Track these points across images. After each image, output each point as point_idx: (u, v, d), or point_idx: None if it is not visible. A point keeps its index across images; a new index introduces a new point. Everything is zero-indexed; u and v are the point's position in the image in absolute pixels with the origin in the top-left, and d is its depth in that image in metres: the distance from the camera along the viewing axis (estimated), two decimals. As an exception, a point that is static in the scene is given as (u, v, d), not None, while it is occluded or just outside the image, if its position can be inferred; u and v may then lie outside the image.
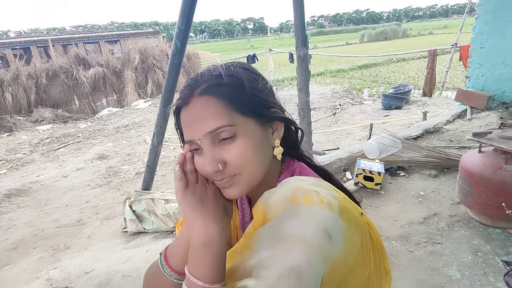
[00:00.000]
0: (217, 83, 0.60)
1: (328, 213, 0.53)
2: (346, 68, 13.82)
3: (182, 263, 0.62)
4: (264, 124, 0.63)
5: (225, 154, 0.59)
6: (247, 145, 0.59)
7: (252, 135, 0.60)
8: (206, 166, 0.58)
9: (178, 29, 2.24)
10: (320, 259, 0.50)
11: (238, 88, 0.60)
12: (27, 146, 6.39)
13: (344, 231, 0.54)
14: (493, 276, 1.60)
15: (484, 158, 1.85)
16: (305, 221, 0.52)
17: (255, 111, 0.61)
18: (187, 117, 0.61)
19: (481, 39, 3.65)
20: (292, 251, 0.49)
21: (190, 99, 0.60)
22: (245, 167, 0.59)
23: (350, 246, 0.56)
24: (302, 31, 2.27)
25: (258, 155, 0.61)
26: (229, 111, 0.59)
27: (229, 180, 0.60)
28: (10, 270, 2.55)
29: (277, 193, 0.59)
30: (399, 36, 32.24)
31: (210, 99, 0.59)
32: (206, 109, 0.59)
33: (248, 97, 0.60)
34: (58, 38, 18.52)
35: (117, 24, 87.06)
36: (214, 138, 0.59)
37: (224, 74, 0.61)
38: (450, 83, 8.85)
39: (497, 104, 3.67)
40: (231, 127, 0.58)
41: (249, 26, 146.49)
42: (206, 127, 0.58)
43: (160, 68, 10.10)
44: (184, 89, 0.63)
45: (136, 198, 2.87)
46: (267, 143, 0.64)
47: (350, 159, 2.95)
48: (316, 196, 0.55)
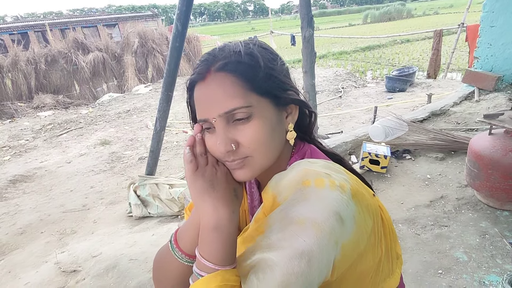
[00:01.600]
0: (235, 61, 0.57)
1: (340, 196, 0.52)
2: (349, 50, 13.57)
3: (192, 246, 0.62)
4: (279, 106, 0.61)
5: (239, 135, 0.57)
6: (261, 127, 0.57)
7: (267, 117, 0.59)
8: (219, 145, 0.57)
9: (179, 11, 2.17)
10: (331, 243, 0.49)
11: (256, 67, 0.58)
12: (29, 132, 6.39)
13: (355, 214, 0.53)
14: (501, 258, 1.59)
15: (494, 140, 1.81)
16: (316, 204, 0.51)
17: (272, 92, 0.59)
18: (202, 94, 0.59)
19: (491, 18, 3.53)
20: (303, 234, 0.48)
21: (206, 75, 0.58)
22: (257, 149, 0.58)
23: (362, 229, 0.55)
24: (307, 11, 2.19)
25: (271, 138, 0.59)
26: (246, 91, 0.57)
27: (241, 162, 0.58)
28: (19, 254, 2.59)
29: (288, 176, 0.58)
30: (403, 16, 31.46)
31: (227, 77, 0.57)
32: (223, 88, 0.57)
33: (265, 78, 0.58)
34: (55, 22, 18.19)
35: (114, 7, 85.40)
36: (229, 118, 0.57)
37: (243, 52, 0.58)
38: (456, 64, 8.68)
39: (506, 85, 3.59)
40: (247, 108, 0.56)
41: (250, 8, 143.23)
42: (222, 107, 0.56)
43: (160, 52, 9.94)
44: (201, 64, 0.60)
45: (141, 183, 2.88)
46: (280, 127, 0.62)
47: (355, 143, 2.92)
48: (327, 178, 0.54)
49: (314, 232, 0.48)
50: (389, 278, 0.65)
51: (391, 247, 0.65)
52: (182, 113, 6.51)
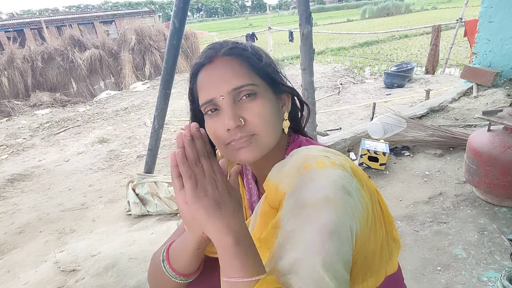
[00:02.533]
0: (241, 48, 0.63)
1: (342, 173, 0.54)
2: (347, 46, 13.53)
3: (187, 266, 0.62)
4: (276, 93, 0.66)
5: (245, 112, 0.59)
6: (266, 106, 0.60)
7: (269, 99, 0.62)
8: (228, 121, 0.57)
9: (176, 7, 2.14)
10: (349, 214, 0.50)
11: (258, 56, 0.64)
12: (27, 131, 6.35)
13: (359, 189, 0.55)
14: (499, 254, 1.60)
15: (493, 137, 1.81)
16: (322, 183, 0.52)
17: (272, 78, 0.64)
18: (210, 75, 0.62)
19: (490, 13, 3.52)
20: (322, 213, 0.49)
21: (214, 58, 0.62)
22: (263, 127, 0.59)
23: (367, 204, 0.56)
24: (305, 7, 2.18)
25: (274, 118, 0.62)
26: (251, 73, 0.61)
27: (248, 140, 0.59)
28: (18, 254, 2.58)
29: (288, 164, 0.59)
30: (401, 11, 31.36)
31: (234, 60, 0.61)
32: (231, 67, 0.60)
33: (266, 65, 0.63)
34: (51, 19, 18.03)
35: (111, 4, 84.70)
36: (236, 96, 0.60)
37: (246, 43, 0.65)
38: (454, 60, 8.67)
39: (504, 80, 3.59)
40: (254, 86, 0.60)
41: (247, 4, 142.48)
42: (231, 84, 0.59)
43: (158, 49, 9.87)
44: (207, 50, 0.64)
45: (139, 181, 2.86)
46: (279, 112, 0.66)
47: (354, 140, 2.92)
48: (327, 159, 0.56)
49: (331, 208, 0.49)
50: (390, 260, 0.66)
51: (389, 230, 0.66)
52: (180, 111, 6.49)
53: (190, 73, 0.66)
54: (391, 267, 0.66)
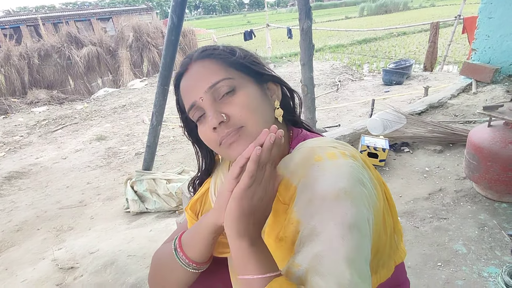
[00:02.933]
0: (212, 48, 0.64)
1: (354, 163, 0.53)
2: (345, 43, 13.50)
3: (201, 253, 0.62)
4: (260, 83, 0.65)
5: (227, 107, 0.59)
6: (247, 96, 0.60)
7: (251, 89, 0.62)
8: (211, 120, 0.57)
9: (174, 3, 2.12)
10: (366, 206, 0.50)
11: (232, 52, 0.64)
12: (24, 128, 6.31)
13: (371, 179, 0.55)
14: (500, 250, 1.60)
15: (493, 132, 1.81)
16: (336, 174, 0.51)
17: (250, 68, 0.64)
18: (186, 82, 0.63)
19: (489, 9, 3.51)
20: (341, 207, 0.47)
21: (188, 66, 0.63)
22: (248, 118, 0.58)
23: (378, 193, 0.56)
24: (305, 1, 2.16)
25: (259, 107, 0.61)
26: (226, 68, 0.61)
27: (235, 133, 0.58)
28: (16, 251, 2.56)
29: (296, 157, 0.58)
30: (400, 8, 31.32)
31: (206, 61, 0.62)
32: (204, 68, 0.61)
33: (241, 57, 0.63)
34: (48, 16, 17.89)
35: (108, 1, 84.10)
36: (215, 94, 0.60)
37: (218, 44, 0.66)
38: (452, 57, 8.67)
39: (503, 77, 3.59)
40: (230, 80, 0.59)
41: (245, 1, 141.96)
42: (206, 83, 0.59)
43: (155, 46, 9.82)
44: (183, 61, 0.66)
45: (138, 179, 2.85)
46: (267, 102, 0.64)
47: (354, 136, 2.91)
48: (336, 150, 0.55)
49: (350, 201, 0.48)
50: (397, 250, 0.66)
51: (395, 221, 0.66)
52: (178, 108, 6.46)
53: (174, 84, 0.68)
54: (399, 256, 0.66)
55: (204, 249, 0.62)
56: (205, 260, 0.64)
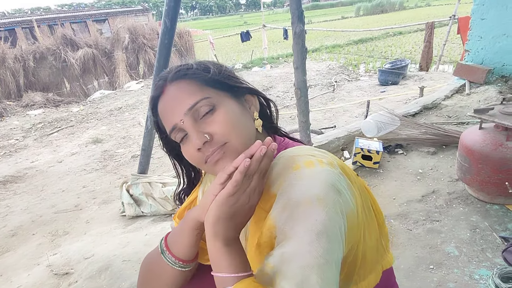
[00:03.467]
0: (185, 68, 0.63)
1: (331, 170, 0.54)
2: (342, 43, 13.54)
3: (186, 251, 0.64)
4: (237, 97, 0.66)
5: (209, 126, 0.60)
6: (227, 113, 0.60)
7: (229, 105, 0.62)
8: (194, 141, 0.58)
9: (167, 6, 2.12)
10: (338, 213, 0.51)
11: (206, 70, 0.64)
12: (19, 132, 6.28)
13: (348, 186, 0.56)
14: (491, 252, 1.61)
15: (484, 135, 1.82)
16: (311, 182, 0.52)
17: (225, 84, 0.64)
18: (164, 105, 0.63)
19: (482, 10, 3.53)
20: (312, 213, 0.49)
21: (163, 89, 0.63)
22: (231, 133, 0.59)
23: (356, 200, 0.57)
24: (297, 5, 2.16)
25: (240, 122, 0.62)
26: (202, 87, 0.61)
27: (220, 150, 0.59)
28: (10, 257, 2.55)
29: (276, 167, 0.59)
30: (395, 8, 31.45)
31: (182, 82, 0.62)
32: (180, 90, 0.61)
33: (215, 74, 0.63)
34: (43, 18, 17.81)
35: (104, 2, 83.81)
36: (195, 115, 0.60)
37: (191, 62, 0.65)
38: (447, 56, 8.73)
39: (496, 78, 3.62)
40: (208, 99, 0.60)
41: (242, 1, 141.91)
42: (184, 105, 0.59)
43: (151, 48, 9.80)
44: (158, 83, 0.65)
45: (133, 182, 2.85)
46: (246, 114, 0.65)
47: (348, 138, 2.93)
48: (314, 159, 0.56)
49: (321, 208, 0.49)
50: (385, 255, 0.68)
51: (381, 226, 0.68)
52: (174, 110, 6.45)
53: (150, 107, 0.68)
54: (387, 262, 0.68)
55: (188, 245, 0.63)
56: (191, 258, 0.66)
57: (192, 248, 0.64)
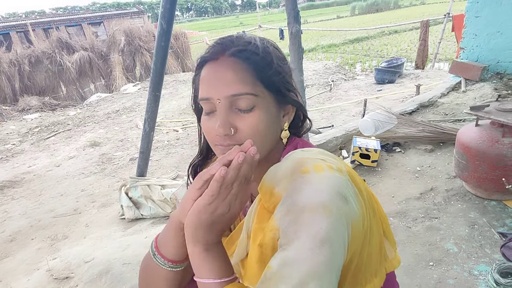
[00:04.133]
0: (251, 51, 0.59)
1: (340, 177, 0.53)
2: (338, 42, 13.57)
3: (175, 250, 0.63)
4: (280, 104, 0.64)
5: (239, 121, 0.58)
6: (262, 118, 0.59)
7: (268, 111, 0.60)
8: (218, 127, 0.57)
9: (163, 8, 2.12)
10: (343, 222, 0.50)
11: (269, 62, 0.60)
12: (16, 136, 6.25)
13: (355, 194, 0.55)
14: (490, 248, 1.63)
15: (481, 131, 1.84)
16: (319, 188, 0.51)
17: (277, 88, 0.62)
18: (211, 73, 0.60)
19: (476, 8, 3.56)
20: (317, 220, 0.48)
21: (219, 56, 0.59)
22: (253, 139, 0.58)
23: (362, 208, 0.56)
24: (293, 5, 2.17)
25: (268, 132, 0.61)
26: (255, 81, 0.58)
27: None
28: (10, 262, 2.54)
29: (283, 167, 0.58)
30: (390, 7, 31.59)
31: (239, 63, 0.58)
32: (234, 71, 0.58)
33: (274, 73, 0.60)
34: (38, 22, 17.72)
35: (99, 5, 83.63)
36: (233, 103, 0.58)
37: (259, 45, 0.61)
38: (443, 54, 8.77)
39: (491, 75, 3.65)
40: (254, 96, 0.58)
41: (237, 2, 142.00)
42: (231, 89, 0.57)
43: (148, 50, 9.78)
44: (215, 45, 0.61)
45: (132, 185, 2.84)
46: (277, 123, 0.64)
47: (346, 137, 2.94)
48: (324, 163, 0.55)
49: (327, 216, 0.48)
50: (388, 258, 0.67)
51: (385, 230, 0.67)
52: (172, 112, 6.45)
53: (196, 63, 0.65)
54: (391, 265, 0.67)
55: (176, 246, 0.62)
56: (180, 259, 0.64)
57: (180, 249, 0.63)
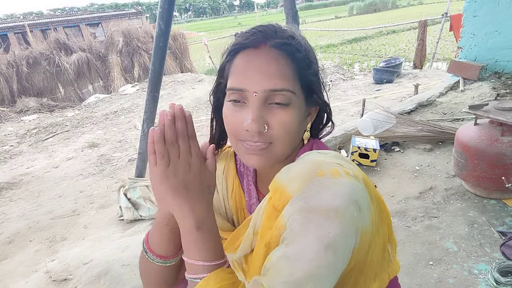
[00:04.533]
0: (294, 46, 0.57)
1: (356, 184, 0.52)
2: (336, 42, 13.60)
3: (163, 246, 0.62)
4: (308, 104, 0.62)
5: (273, 118, 0.56)
6: (294, 117, 0.57)
7: (300, 110, 0.59)
8: (252, 123, 0.54)
9: (161, 9, 2.12)
10: (353, 231, 0.49)
11: (309, 61, 0.59)
12: (13, 138, 6.22)
13: (369, 202, 0.54)
14: (489, 247, 1.63)
15: (480, 130, 1.84)
16: (336, 193, 0.50)
17: (311, 89, 0.60)
18: (250, 63, 0.56)
19: (474, 7, 3.57)
20: (327, 224, 0.47)
21: (261, 45, 0.56)
22: (283, 138, 0.57)
23: (373, 216, 0.56)
24: (292, 5, 2.17)
25: (297, 130, 0.60)
26: (295, 78, 0.57)
27: (264, 148, 0.57)
28: (8, 264, 2.52)
29: (297, 168, 0.56)
30: (388, 7, 31.69)
31: (283, 57, 0.56)
32: (278, 65, 0.55)
33: (312, 73, 0.59)
34: (36, 23, 17.68)
35: (97, 6, 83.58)
36: (269, 98, 0.56)
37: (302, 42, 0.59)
38: (441, 54, 8.79)
39: (490, 74, 3.65)
40: (292, 94, 0.56)
41: (235, 3, 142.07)
42: (271, 83, 0.54)
43: (146, 51, 9.76)
44: (256, 32, 0.58)
45: (131, 186, 2.83)
46: (303, 124, 0.63)
47: (345, 137, 2.94)
48: (341, 168, 0.54)
49: (338, 221, 0.48)
50: (391, 262, 0.66)
51: (390, 234, 0.66)
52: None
53: (228, 49, 0.61)
54: (393, 269, 0.66)
55: (164, 242, 0.62)
56: (171, 254, 0.64)
57: (169, 244, 0.62)
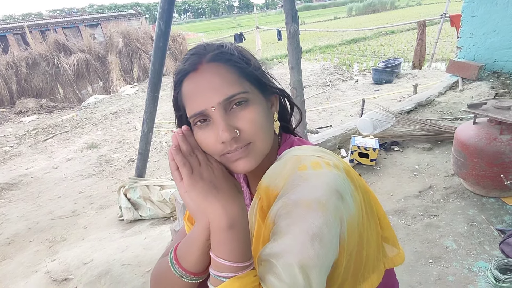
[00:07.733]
0: (227, 52, 0.59)
1: (337, 174, 0.53)
2: (335, 43, 13.62)
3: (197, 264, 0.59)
4: (266, 96, 0.64)
5: (238, 121, 0.57)
6: (258, 112, 0.58)
7: (260, 103, 0.60)
8: (222, 133, 0.55)
9: (161, 9, 2.12)
10: (337, 220, 0.50)
11: (246, 60, 0.60)
12: (13, 139, 6.22)
13: (351, 191, 0.55)
14: (489, 244, 1.63)
15: (478, 129, 1.85)
16: (316, 184, 0.51)
17: (261, 81, 0.62)
18: (196, 85, 0.58)
19: (472, 7, 3.59)
20: (310, 215, 0.49)
21: (198, 66, 0.58)
22: (257, 134, 0.58)
23: (358, 205, 0.56)
24: (291, 5, 2.18)
25: (266, 123, 0.60)
26: (241, 79, 0.58)
27: (245, 149, 0.57)
28: (8, 265, 2.52)
29: (280, 166, 0.58)
30: (387, 8, 31.76)
31: (221, 67, 0.58)
32: (220, 76, 0.57)
33: (254, 68, 0.61)
34: (35, 24, 17.66)
35: (96, 7, 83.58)
36: (227, 106, 0.57)
37: (232, 46, 0.61)
38: (440, 54, 8.81)
39: (488, 73, 3.67)
40: (245, 94, 0.57)
41: (234, 4, 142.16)
42: (222, 94, 0.56)
43: (145, 52, 9.78)
44: (190, 56, 0.60)
45: (131, 186, 2.83)
46: (270, 115, 0.64)
47: (344, 136, 2.94)
48: (321, 160, 0.55)
49: (321, 212, 0.49)
50: (387, 254, 0.67)
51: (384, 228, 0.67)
52: (170, 113, 6.44)
53: (173, 80, 0.63)
54: (390, 261, 0.67)
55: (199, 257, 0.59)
56: (202, 270, 0.61)
57: (203, 261, 0.59)
